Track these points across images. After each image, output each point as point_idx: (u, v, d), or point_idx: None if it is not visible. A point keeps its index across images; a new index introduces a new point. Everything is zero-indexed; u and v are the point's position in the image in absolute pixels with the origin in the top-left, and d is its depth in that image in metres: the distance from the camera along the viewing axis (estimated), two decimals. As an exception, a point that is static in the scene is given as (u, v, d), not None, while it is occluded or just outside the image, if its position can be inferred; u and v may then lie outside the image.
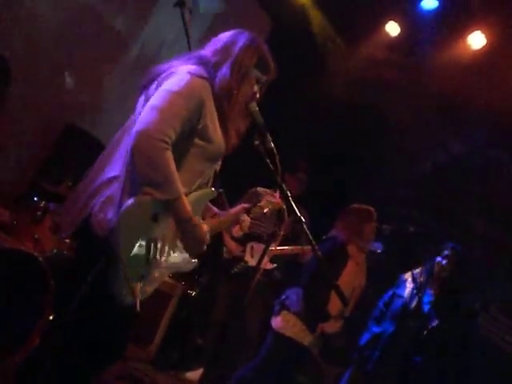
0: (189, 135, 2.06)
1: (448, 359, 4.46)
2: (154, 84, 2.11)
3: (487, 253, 5.46)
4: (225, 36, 2.25)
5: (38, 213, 3.19)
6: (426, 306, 4.34)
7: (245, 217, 2.56)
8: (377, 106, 5.95)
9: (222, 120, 2.16)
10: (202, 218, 2.33)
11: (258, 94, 2.27)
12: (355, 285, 3.80)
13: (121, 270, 1.94)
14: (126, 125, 2.17)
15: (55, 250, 3.19)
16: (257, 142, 2.31)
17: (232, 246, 4.48)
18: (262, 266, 2.99)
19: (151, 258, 2.04)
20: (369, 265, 3.96)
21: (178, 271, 2.31)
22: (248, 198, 4.44)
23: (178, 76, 2.05)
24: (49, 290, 2.75)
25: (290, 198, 2.31)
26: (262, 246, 4.30)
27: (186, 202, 2.01)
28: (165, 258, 2.13)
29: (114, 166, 2.06)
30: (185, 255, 2.20)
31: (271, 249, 3.96)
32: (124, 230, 1.93)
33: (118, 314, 2.05)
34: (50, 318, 2.68)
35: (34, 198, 3.28)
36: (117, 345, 2.20)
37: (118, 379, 3.71)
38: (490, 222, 5.60)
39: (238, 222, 2.54)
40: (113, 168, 2.05)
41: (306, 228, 2.29)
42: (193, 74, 2.06)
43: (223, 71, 2.14)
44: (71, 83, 4.59)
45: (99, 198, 2.00)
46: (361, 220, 3.88)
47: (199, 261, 2.32)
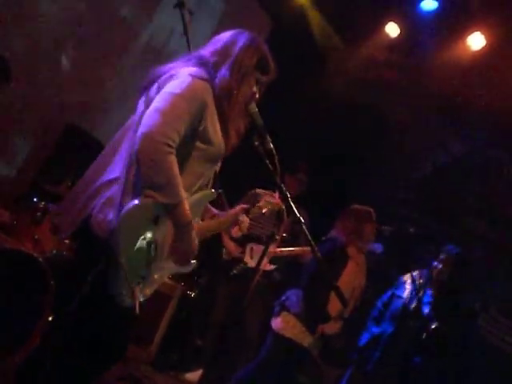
0: (191, 138, 2.06)
1: (448, 359, 4.46)
2: (155, 86, 2.11)
3: (487, 253, 5.46)
4: (225, 36, 2.24)
5: (38, 213, 3.20)
6: (426, 306, 4.34)
7: (244, 217, 2.56)
8: (377, 106, 5.95)
9: (223, 120, 2.16)
10: (202, 219, 2.33)
11: (257, 95, 2.27)
12: (355, 285, 3.80)
13: (121, 271, 1.94)
14: (126, 125, 2.17)
15: (55, 251, 3.20)
16: (256, 142, 2.32)
17: (231, 247, 4.48)
18: (262, 267, 2.97)
19: (152, 260, 2.04)
20: (369, 265, 3.96)
21: (177, 272, 2.31)
22: (247, 199, 4.43)
23: (180, 78, 2.05)
24: (49, 291, 2.75)
25: (289, 199, 2.31)
26: (261, 247, 4.28)
27: (187, 207, 2.01)
28: (165, 260, 2.12)
29: (114, 167, 2.06)
30: None
31: (271, 250, 3.96)
32: (125, 232, 1.93)
33: (118, 315, 2.05)
34: (50, 319, 2.69)
35: (34, 199, 3.28)
36: (117, 346, 2.20)
37: (118, 380, 3.71)
38: (490, 223, 5.59)
39: (237, 222, 2.54)
40: (113, 169, 2.05)
41: (305, 229, 2.29)
42: (194, 76, 2.06)
43: (223, 72, 2.14)
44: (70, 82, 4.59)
45: (99, 199, 2.00)
46: (360, 221, 3.88)
47: (198, 262, 2.32)
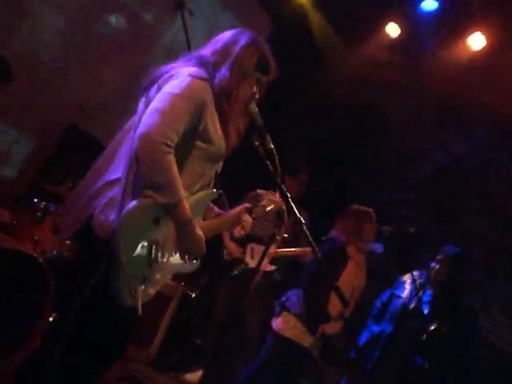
0: (190, 137, 2.06)
1: (448, 359, 4.46)
2: (155, 86, 2.10)
3: (487, 253, 5.46)
4: (225, 35, 2.24)
5: (38, 213, 3.19)
6: (426, 306, 4.34)
7: (247, 216, 2.55)
8: (377, 106, 5.94)
9: (223, 120, 2.16)
10: (204, 218, 2.33)
11: (257, 95, 2.27)
12: (355, 286, 3.79)
13: (122, 272, 1.94)
14: (127, 126, 2.17)
15: (55, 252, 3.19)
16: (256, 142, 2.31)
17: (232, 247, 4.47)
18: (262, 267, 2.97)
19: (153, 260, 2.04)
20: (369, 265, 3.96)
21: (179, 272, 2.30)
22: (248, 200, 4.41)
23: (179, 78, 2.05)
24: (49, 291, 2.75)
25: (289, 199, 2.31)
26: (262, 247, 4.27)
27: (187, 206, 2.01)
28: (166, 260, 2.12)
29: (116, 167, 2.06)
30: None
31: (271, 250, 3.96)
32: (125, 233, 1.93)
33: (120, 316, 2.05)
34: (50, 319, 2.68)
35: (34, 199, 3.28)
36: (117, 346, 2.20)
37: (118, 380, 3.71)
38: (490, 223, 5.59)
39: (240, 222, 2.53)
40: (115, 170, 2.05)
41: (305, 229, 2.29)
42: (193, 75, 2.06)
43: (223, 71, 2.14)
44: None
45: (101, 200, 2.00)
46: (360, 221, 3.88)
47: (200, 262, 2.32)
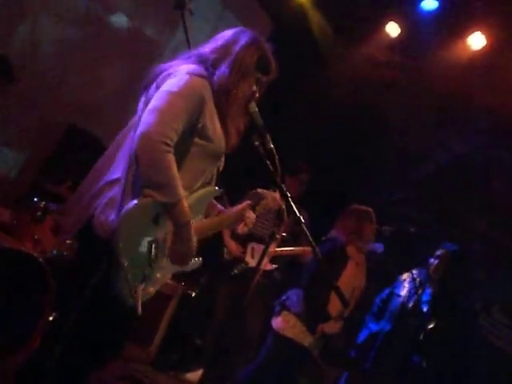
0: (189, 135, 2.06)
1: (447, 359, 4.46)
2: (154, 85, 2.10)
3: (488, 252, 5.46)
4: (226, 34, 2.24)
5: (39, 213, 3.19)
6: (425, 305, 4.34)
7: (250, 213, 2.54)
8: (377, 106, 5.94)
9: (222, 118, 2.16)
10: (206, 216, 2.32)
11: (257, 94, 2.27)
12: (355, 285, 3.79)
13: (122, 272, 1.94)
14: (128, 125, 2.17)
15: (55, 251, 3.19)
16: (256, 142, 2.31)
17: (232, 246, 4.47)
18: (262, 266, 2.97)
19: (153, 259, 2.04)
20: (369, 265, 3.95)
21: (180, 271, 2.30)
22: (249, 198, 4.42)
23: (178, 76, 2.05)
24: (49, 290, 2.75)
25: (289, 199, 2.31)
26: (262, 246, 4.28)
27: (186, 206, 2.00)
28: (166, 259, 2.12)
29: (116, 167, 2.06)
30: None
31: (271, 250, 3.96)
32: (125, 232, 1.93)
33: (120, 315, 2.06)
34: (50, 319, 2.68)
35: (35, 199, 3.28)
36: (115, 345, 2.20)
37: (118, 380, 3.71)
38: (491, 222, 5.59)
39: (243, 218, 2.52)
40: (116, 169, 2.06)
41: (305, 229, 2.29)
42: (192, 73, 2.06)
43: (222, 69, 2.13)
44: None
45: (102, 200, 2.01)
46: (360, 221, 3.87)
47: (202, 260, 2.32)
